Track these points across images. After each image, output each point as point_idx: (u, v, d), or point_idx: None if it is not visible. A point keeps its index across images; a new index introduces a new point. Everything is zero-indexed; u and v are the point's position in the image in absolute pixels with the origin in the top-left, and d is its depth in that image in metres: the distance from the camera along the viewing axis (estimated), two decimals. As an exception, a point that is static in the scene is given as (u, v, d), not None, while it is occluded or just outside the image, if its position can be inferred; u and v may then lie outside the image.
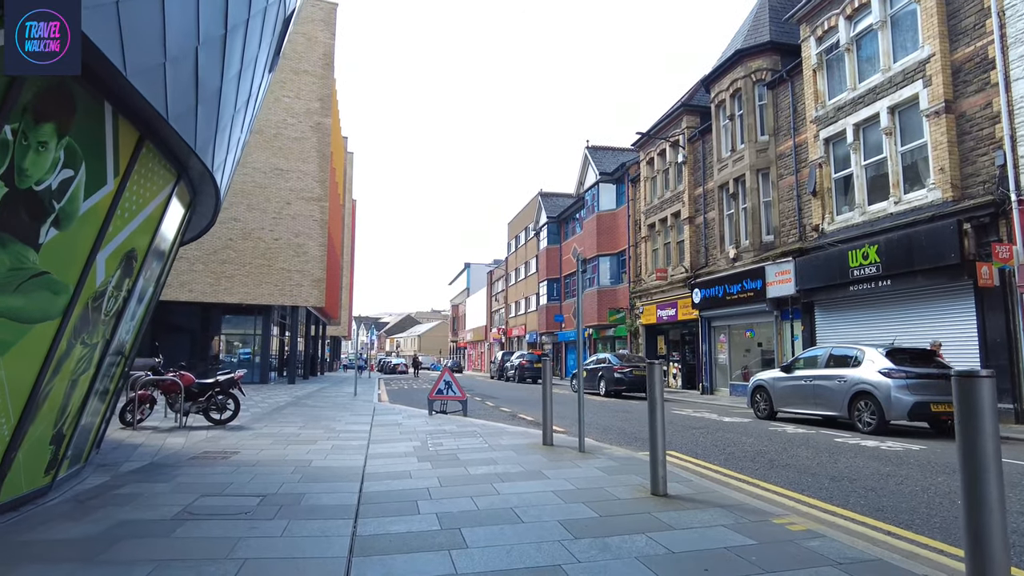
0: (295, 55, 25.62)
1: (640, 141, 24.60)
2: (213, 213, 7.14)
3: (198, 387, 9.87)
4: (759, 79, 17.96)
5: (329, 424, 10.19)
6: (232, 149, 6.03)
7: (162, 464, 6.33)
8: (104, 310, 4.68)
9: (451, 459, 6.70)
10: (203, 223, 7.62)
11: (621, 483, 5.37)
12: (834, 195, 15.01)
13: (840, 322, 14.71)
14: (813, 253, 15.25)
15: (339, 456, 6.97)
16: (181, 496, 4.88)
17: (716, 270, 19.54)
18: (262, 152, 24.25)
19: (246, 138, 7.10)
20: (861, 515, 4.64)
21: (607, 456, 6.80)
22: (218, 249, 22.98)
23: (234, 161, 6.59)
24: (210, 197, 6.38)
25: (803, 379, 10.68)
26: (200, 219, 7.34)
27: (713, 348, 20.29)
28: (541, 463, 6.36)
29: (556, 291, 38.59)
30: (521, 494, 4.97)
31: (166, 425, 9.70)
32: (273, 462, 6.56)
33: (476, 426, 9.80)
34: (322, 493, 5.07)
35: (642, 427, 10.34)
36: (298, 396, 16.90)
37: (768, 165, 17.53)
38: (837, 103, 14.77)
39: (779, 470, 6.41)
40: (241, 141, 6.57)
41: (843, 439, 8.71)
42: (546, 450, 7.22)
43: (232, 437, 8.50)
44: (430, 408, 11.98)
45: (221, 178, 5.95)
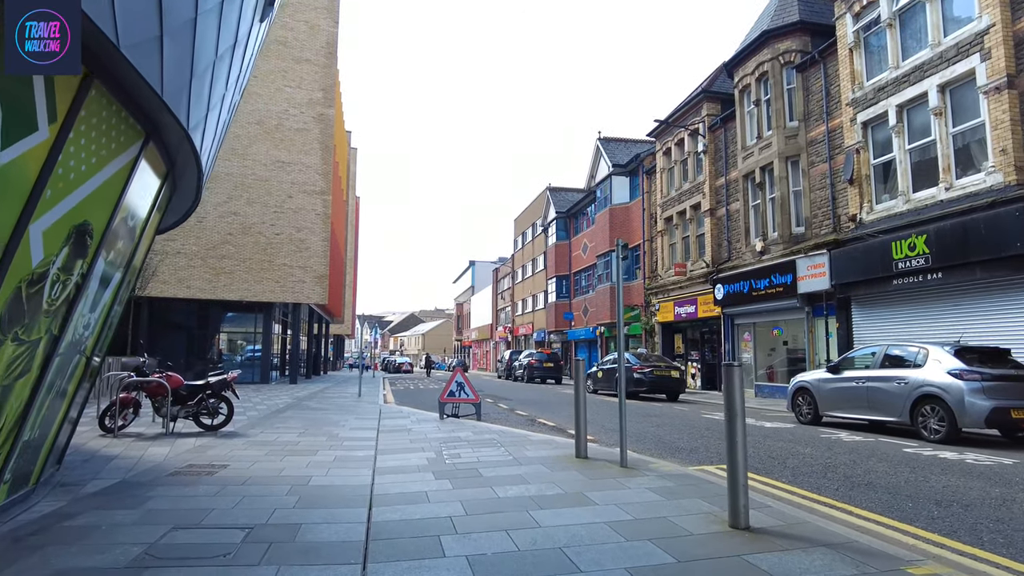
0: (297, 43, 24.75)
1: (657, 129, 23.57)
2: (196, 190, 6.17)
3: (187, 389, 8.92)
4: (787, 61, 16.92)
5: (332, 430, 9.25)
6: (216, 108, 5.07)
7: (135, 482, 5.39)
8: (48, 298, 3.72)
9: (472, 475, 5.74)
10: (185, 204, 6.65)
11: (686, 511, 4.40)
12: (873, 183, 13.97)
13: (881, 319, 13.68)
14: (850, 245, 14.22)
15: (343, 471, 6.02)
16: (147, 530, 3.93)
17: (741, 264, 18.51)
18: (263, 144, 23.38)
19: (236, 101, 6.14)
20: (1009, 560, 3.65)
21: (655, 473, 5.82)
22: (217, 244, 22.11)
23: (220, 126, 5.62)
24: (190, 168, 5.42)
25: (854, 381, 9.67)
26: (182, 199, 6.38)
27: (736, 347, 19.26)
28: (580, 482, 5.39)
29: (565, 288, 37.59)
30: (568, 527, 4.00)
31: (152, 431, 8.77)
32: (266, 479, 5.61)
33: (494, 433, 8.84)
34: (322, 523, 4.12)
35: (679, 434, 9.35)
36: (299, 397, 15.97)
37: (798, 152, 16.49)
38: (877, 83, 13.73)
39: (863, 490, 5.42)
40: (228, 102, 5.60)
41: (912, 449, 7.69)
42: (581, 464, 6.25)
43: (223, 446, 7.56)
44: (441, 412, 11.04)
45: (201, 142, 4.98)
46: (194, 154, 5.13)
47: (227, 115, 5.77)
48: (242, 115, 23.19)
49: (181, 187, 6.04)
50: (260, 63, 24.19)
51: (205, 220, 22.16)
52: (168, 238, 21.61)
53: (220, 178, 22.51)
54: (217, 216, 22.31)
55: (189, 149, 5.04)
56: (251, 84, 23.71)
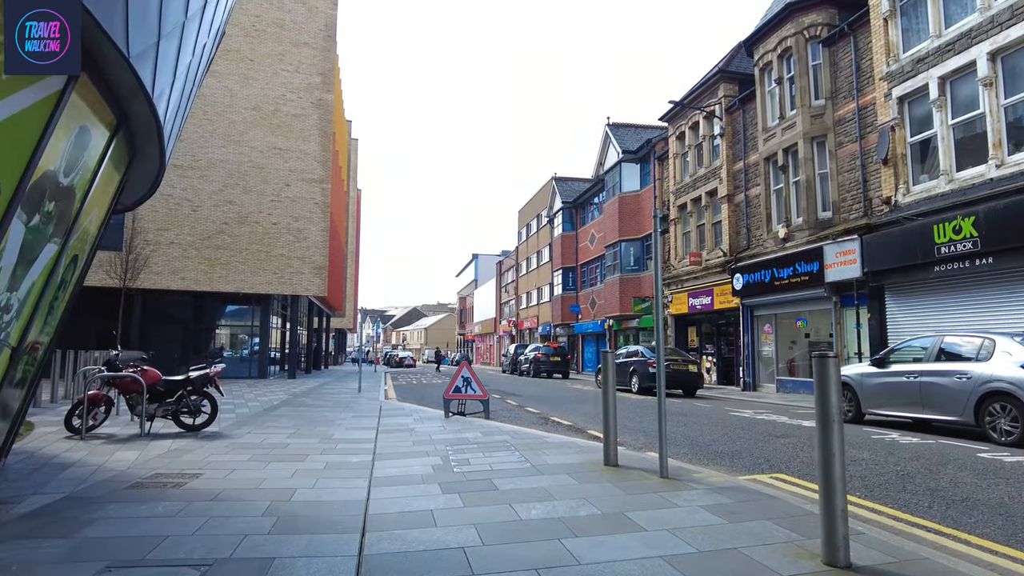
0: (294, 25, 23.78)
1: (671, 112, 22.53)
2: (159, 155, 5.25)
3: (165, 386, 8.04)
4: (813, 36, 15.88)
5: (326, 430, 8.36)
6: (171, 37, 4.13)
7: (83, 498, 4.50)
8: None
9: (486, 488, 4.84)
10: (150, 172, 5.73)
11: (759, 539, 3.49)
12: (910, 162, 12.97)
13: (919, 308, 12.70)
14: (885, 229, 13.23)
15: (333, 481, 5.13)
16: (71, 570, 3.04)
17: (761, 252, 17.52)
18: (259, 130, 22.47)
19: (202, 72, 5.23)
20: None
21: (704, 485, 4.90)
22: (212, 234, 21.24)
23: (182, 70, 4.69)
24: (147, 122, 4.49)
25: (904, 376, 8.71)
26: (146, 163, 5.45)
27: (756, 339, 18.30)
28: (618, 498, 4.48)
29: (572, 280, 36.64)
30: (615, 564, 3.10)
31: (126, 432, 7.90)
32: (242, 492, 4.72)
33: (505, 433, 7.93)
34: (300, 558, 3.23)
35: (711, 434, 8.43)
36: (296, 393, 15.11)
37: (825, 132, 15.48)
38: (916, 54, 12.70)
39: (963, 509, 4.49)
40: (194, 68, 4.68)
41: (988, 454, 6.74)
42: (613, 474, 5.34)
43: (201, 450, 6.68)
44: (446, 409, 10.15)
45: (153, 83, 4.05)
46: (148, 103, 4.21)
47: (191, 57, 4.83)
48: (238, 100, 22.29)
49: (142, 150, 5.11)
50: (256, 46, 23.22)
51: (200, 209, 21.30)
52: (161, 227, 20.78)
53: (215, 165, 21.65)
54: (212, 205, 21.44)
55: (143, 97, 4.12)
56: (247, 68, 22.76)
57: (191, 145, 21.52)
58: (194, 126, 21.57)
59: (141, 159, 5.29)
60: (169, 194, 21.07)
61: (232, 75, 22.45)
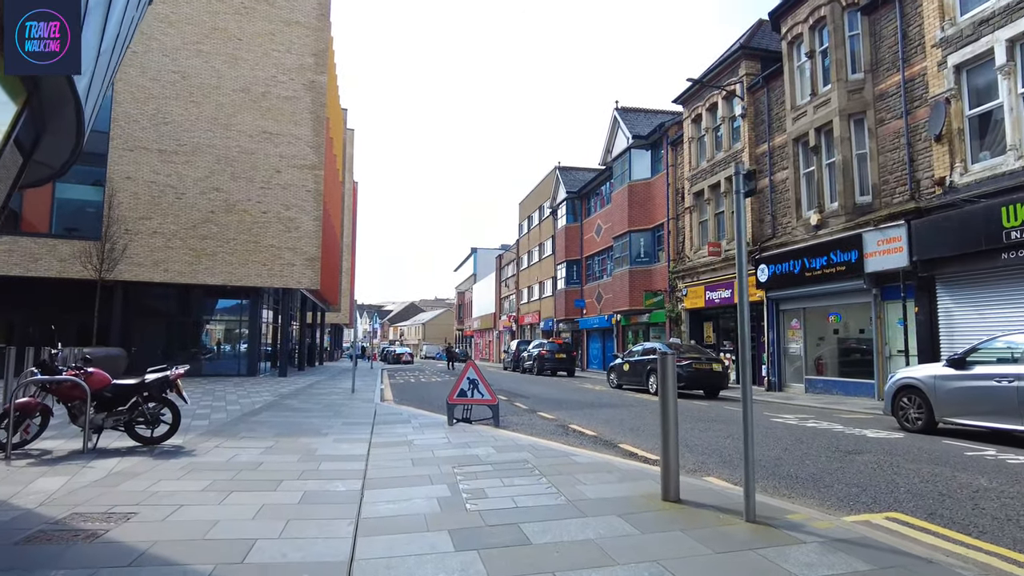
0: (285, 3, 22.36)
1: (686, 93, 21.12)
2: (76, 123, 3.92)
3: (114, 391, 6.70)
4: (850, 3, 14.48)
5: (310, 443, 7.03)
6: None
7: (-57, 563, 3.16)
8: None
9: (514, 542, 3.51)
10: (68, 139, 4.38)
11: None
12: (968, 138, 11.62)
13: (979, 301, 11.37)
14: (937, 213, 11.89)
15: (307, 526, 3.80)
16: None
17: (790, 241, 16.17)
18: (248, 113, 21.07)
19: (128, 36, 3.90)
20: None
21: (813, 535, 3.57)
22: (197, 223, 19.87)
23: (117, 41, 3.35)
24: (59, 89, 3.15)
25: (995, 379, 7.38)
26: (59, 127, 4.10)
27: (782, 336, 16.98)
28: (701, 561, 3.15)
29: (576, 274, 35.28)
30: None
31: (67, 448, 6.57)
32: (177, 549, 3.38)
33: (523, 449, 6.60)
34: None
35: (768, 449, 7.09)
36: (283, 393, 13.76)
37: (864, 109, 14.11)
38: (976, 16, 11.34)
39: None
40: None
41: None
42: (679, 515, 4.01)
43: (150, 473, 5.36)
44: (450, 416, 8.84)
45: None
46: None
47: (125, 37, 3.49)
48: (225, 81, 20.88)
49: (54, 112, 3.76)
50: (245, 25, 21.75)
51: (185, 196, 19.92)
52: (143, 215, 19.39)
53: (201, 150, 20.26)
54: (198, 192, 20.05)
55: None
56: (235, 48, 21.30)
57: (175, 128, 20.14)
58: (179, 109, 20.19)
59: (53, 117, 3.93)
60: (152, 180, 19.71)
61: (219, 55, 21.03)
